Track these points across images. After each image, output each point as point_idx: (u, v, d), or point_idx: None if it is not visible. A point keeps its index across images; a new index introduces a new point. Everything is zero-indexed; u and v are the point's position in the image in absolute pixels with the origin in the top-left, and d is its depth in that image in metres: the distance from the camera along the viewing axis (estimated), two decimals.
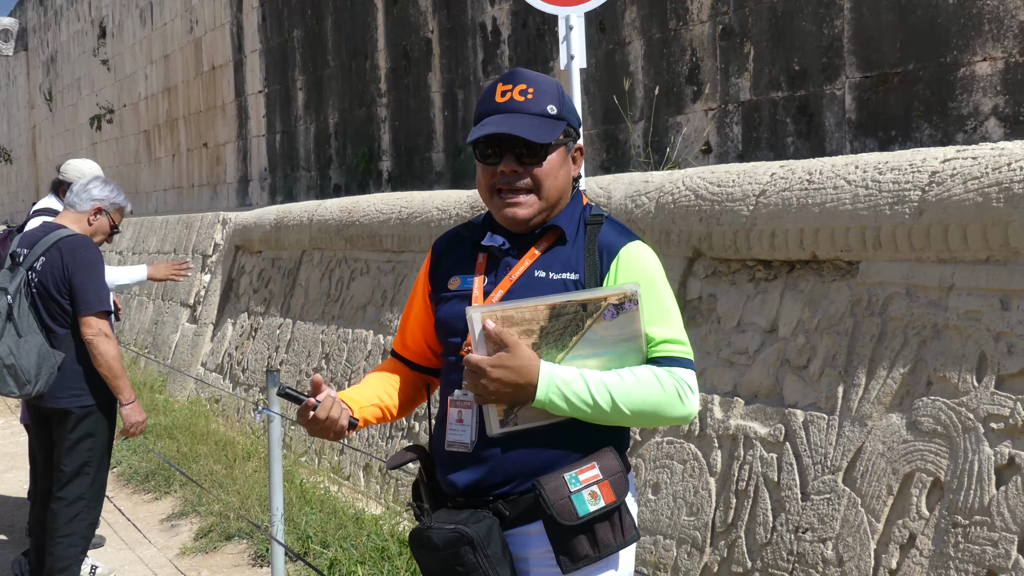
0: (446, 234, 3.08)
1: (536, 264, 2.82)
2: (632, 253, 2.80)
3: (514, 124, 2.75)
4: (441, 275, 2.97)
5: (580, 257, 2.81)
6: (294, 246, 10.25)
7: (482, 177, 2.85)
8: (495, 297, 2.80)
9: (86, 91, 23.60)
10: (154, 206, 19.68)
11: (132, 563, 7.01)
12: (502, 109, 2.79)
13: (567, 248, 2.84)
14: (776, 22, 6.69)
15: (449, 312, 2.88)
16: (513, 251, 2.85)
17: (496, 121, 2.77)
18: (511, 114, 2.77)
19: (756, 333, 5.02)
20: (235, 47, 15.51)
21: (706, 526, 4.88)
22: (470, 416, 2.78)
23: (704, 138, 7.26)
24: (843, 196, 4.56)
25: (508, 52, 9.43)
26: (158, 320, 13.75)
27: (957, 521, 3.90)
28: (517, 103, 2.78)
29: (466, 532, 2.67)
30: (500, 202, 2.81)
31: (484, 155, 2.82)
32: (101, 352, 5.62)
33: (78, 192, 5.93)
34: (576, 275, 2.78)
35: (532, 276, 2.80)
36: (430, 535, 2.71)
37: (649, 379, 2.70)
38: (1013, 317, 3.93)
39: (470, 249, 2.94)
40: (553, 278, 2.78)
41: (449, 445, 2.80)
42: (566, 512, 2.67)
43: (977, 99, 5.57)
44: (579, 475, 2.71)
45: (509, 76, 2.83)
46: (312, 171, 13.39)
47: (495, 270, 2.86)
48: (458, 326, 2.82)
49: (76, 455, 5.76)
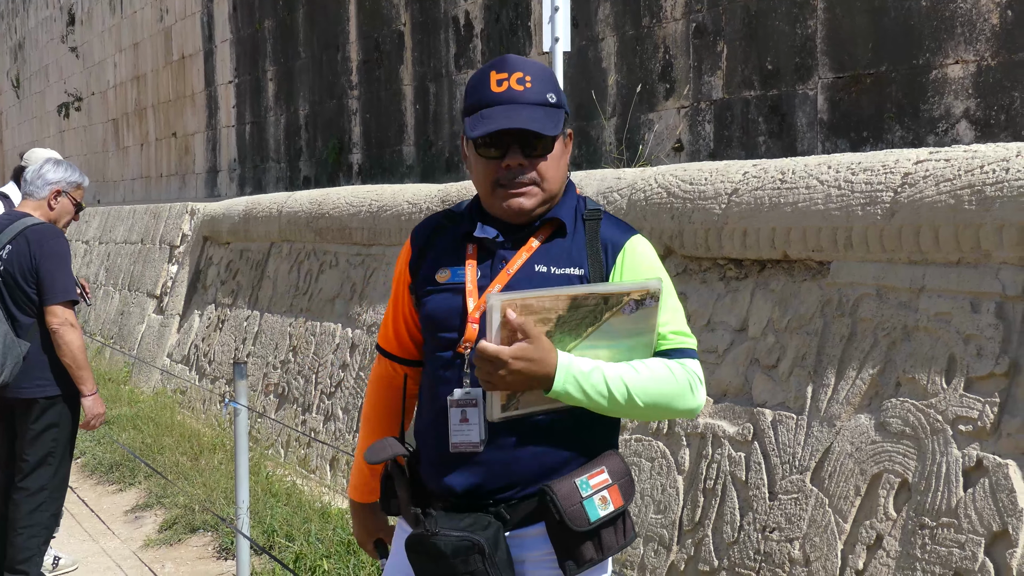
0: (425, 223, 2.94)
1: (535, 257, 2.72)
2: (638, 249, 2.74)
3: (521, 117, 2.63)
4: (425, 267, 2.83)
5: (583, 252, 2.73)
6: (263, 238, 10.20)
7: (483, 171, 2.71)
8: (493, 291, 2.67)
9: (54, 78, 23.43)
10: (121, 195, 19.56)
11: (96, 554, 6.95)
12: (502, 100, 2.66)
13: (566, 242, 2.74)
14: (750, 21, 6.69)
15: (440, 306, 2.75)
16: (507, 243, 2.75)
17: (500, 114, 2.64)
18: (513, 105, 2.65)
19: (726, 332, 5.01)
20: (205, 36, 15.42)
21: (673, 524, 4.88)
22: (476, 415, 2.65)
23: (676, 136, 7.26)
24: (815, 196, 4.56)
25: (481, 46, 9.41)
26: (124, 310, 13.66)
27: (924, 523, 3.91)
28: (516, 93, 2.66)
29: (477, 540, 2.59)
30: (503, 193, 2.69)
31: (485, 150, 2.69)
32: (66, 342, 5.57)
33: (32, 180, 5.85)
34: (581, 270, 2.70)
35: (532, 270, 2.70)
36: (435, 542, 2.61)
37: (663, 372, 2.62)
38: (983, 320, 3.94)
39: (458, 240, 2.82)
40: (556, 273, 2.69)
41: (455, 447, 2.66)
42: (578, 518, 2.62)
43: (949, 101, 5.59)
44: (589, 480, 2.66)
45: (501, 64, 2.71)
46: (282, 163, 13.33)
47: (489, 262, 2.74)
48: (452, 321, 2.72)
49: (40, 445, 5.70)
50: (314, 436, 7.91)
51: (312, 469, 7.89)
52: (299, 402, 8.43)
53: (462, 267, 2.75)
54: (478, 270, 2.74)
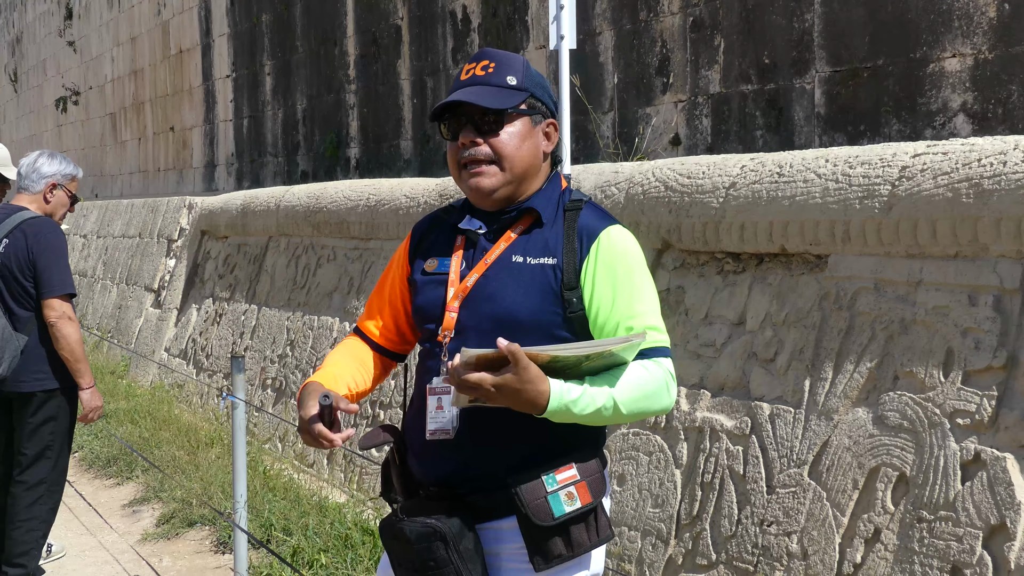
0: (427, 216, 3.04)
1: (512, 247, 2.77)
2: (613, 238, 2.75)
3: (468, 94, 2.73)
4: (420, 256, 2.92)
5: (559, 241, 2.75)
6: (260, 232, 10.19)
7: (450, 156, 2.81)
8: (469, 281, 2.75)
9: (52, 72, 23.39)
10: (119, 189, 19.54)
11: (93, 548, 6.95)
12: (464, 85, 2.77)
13: (544, 231, 2.78)
14: (747, 15, 6.69)
15: (427, 296, 2.83)
16: (489, 234, 2.81)
17: (457, 92, 2.76)
18: (470, 88, 2.75)
19: (724, 326, 5.01)
20: (203, 31, 15.40)
21: (671, 518, 4.88)
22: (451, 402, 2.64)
23: (673, 130, 7.26)
24: (813, 190, 4.56)
25: (478, 40, 9.40)
26: (122, 304, 13.65)
27: (922, 516, 3.91)
28: (478, 77, 2.76)
29: (439, 528, 2.63)
30: (466, 175, 2.76)
31: (445, 131, 2.81)
32: (64, 335, 5.57)
33: (28, 174, 5.84)
34: (554, 259, 2.73)
35: (508, 260, 2.75)
36: (402, 527, 2.67)
37: (643, 378, 2.63)
38: (980, 313, 3.94)
39: (449, 232, 2.90)
40: (531, 262, 2.73)
41: (431, 435, 2.71)
42: (542, 513, 2.64)
43: (946, 95, 5.59)
44: (556, 475, 2.67)
45: (476, 55, 2.82)
46: (279, 157, 13.33)
47: (472, 252, 2.82)
48: (435, 312, 2.79)
49: (38, 439, 5.71)
50: None
51: (309, 463, 7.89)
52: (296, 396, 8.42)
53: (449, 257, 2.83)
54: (463, 260, 2.81)
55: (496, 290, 2.73)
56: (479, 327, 2.71)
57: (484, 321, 2.71)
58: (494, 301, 2.72)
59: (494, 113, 2.73)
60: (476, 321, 2.73)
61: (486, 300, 2.73)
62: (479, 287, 2.75)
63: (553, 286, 2.71)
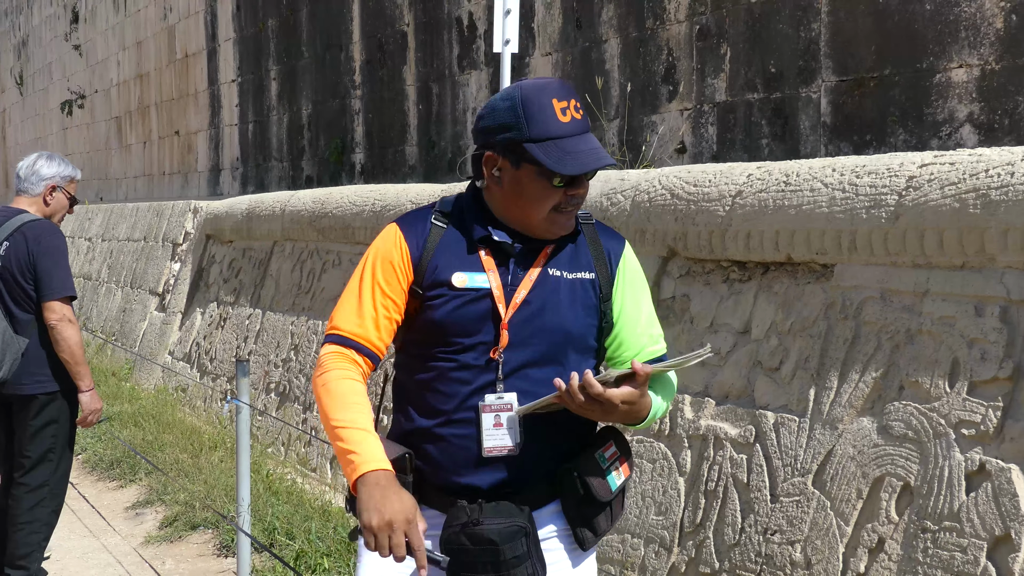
0: (416, 221, 2.92)
1: (549, 263, 2.87)
2: (630, 256, 2.98)
3: (600, 154, 2.76)
4: (436, 269, 2.84)
5: (589, 257, 2.91)
6: (265, 236, 10.20)
7: (542, 195, 2.78)
8: (519, 297, 2.80)
9: (57, 76, 23.43)
10: (124, 193, 19.56)
11: (96, 551, 6.96)
12: (574, 132, 2.76)
13: (572, 247, 2.91)
14: (753, 24, 6.70)
15: (463, 313, 2.81)
16: (524, 250, 2.86)
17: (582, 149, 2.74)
18: (584, 136, 2.77)
19: (729, 334, 5.02)
20: (209, 35, 15.43)
21: (674, 526, 4.88)
22: (510, 418, 2.79)
23: (679, 138, 7.27)
24: (819, 199, 4.56)
25: (484, 47, 9.41)
26: (126, 308, 13.66)
27: (926, 526, 3.91)
28: (579, 123, 2.77)
29: (523, 524, 2.75)
30: (559, 217, 2.81)
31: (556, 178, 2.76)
32: (64, 337, 5.57)
33: (27, 176, 5.84)
34: (591, 274, 2.90)
35: (547, 275, 2.85)
36: (480, 530, 2.73)
37: (672, 384, 2.98)
38: (987, 324, 3.94)
39: (469, 244, 2.86)
40: (568, 277, 2.86)
41: (488, 451, 2.79)
42: (603, 489, 2.84)
43: (952, 105, 5.59)
44: (604, 453, 2.88)
45: (559, 89, 2.79)
46: (284, 162, 13.34)
47: (507, 269, 2.84)
48: (478, 326, 2.80)
49: (40, 442, 5.71)
50: (315, 435, 7.91)
51: (313, 468, 7.89)
52: (300, 400, 8.44)
53: (481, 272, 2.83)
54: (500, 276, 2.83)
55: (544, 305, 2.83)
56: (528, 341, 2.81)
57: (535, 335, 2.82)
58: (546, 315, 2.82)
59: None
60: (526, 335, 2.81)
61: (535, 315, 2.82)
62: (526, 302, 2.81)
63: (593, 299, 2.89)
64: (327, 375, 2.82)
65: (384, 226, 3.03)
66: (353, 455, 2.65)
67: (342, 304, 2.90)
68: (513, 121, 2.75)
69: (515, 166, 2.78)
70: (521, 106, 2.74)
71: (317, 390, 2.84)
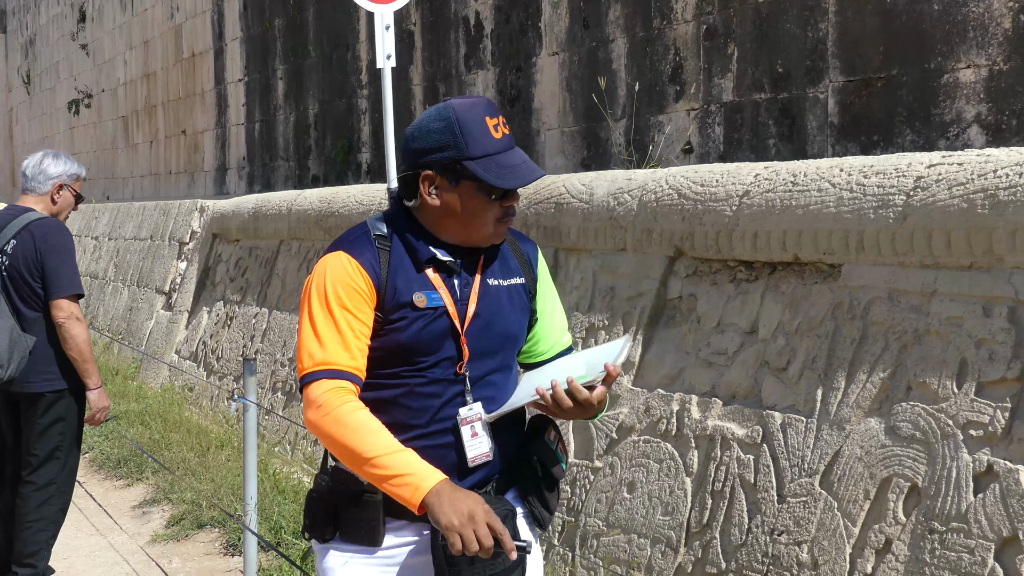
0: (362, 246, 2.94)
1: (486, 273, 3.01)
2: (542, 259, 3.19)
3: (533, 167, 2.91)
4: (396, 292, 2.89)
5: (515, 263, 3.09)
6: (272, 236, 10.21)
7: (483, 209, 2.89)
8: (470, 311, 2.93)
9: (64, 75, 23.44)
10: (131, 192, 19.58)
11: (103, 549, 6.97)
12: (507, 147, 2.89)
13: (500, 255, 3.06)
14: (760, 23, 6.69)
15: (426, 332, 2.89)
16: (464, 264, 2.98)
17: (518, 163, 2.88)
18: (515, 151, 2.91)
19: (736, 334, 5.01)
20: (216, 34, 15.43)
21: (681, 526, 4.88)
22: (483, 427, 2.93)
23: (686, 138, 7.26)
24: (827, 199, 4.56)
25: (491, 47, 9.41)
26: (132, 306, 13.67)
27: (934, 527, 3.91)
28: (509, 139, 2.90)
29: (512, 508, 2.89)
30: (500, 227, 2.94)
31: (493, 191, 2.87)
32: (72, 335, 5.59)
33: (34, 175, 5.85)
34: (521, 279, 3.08)
35: (488, 285, 2.99)
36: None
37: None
38: (995, 324, 3.93)
39: (414, 264, 2.93)
40: (504, 284, 3.03)
41: (472, 461, 2.92)
42: (558, 470, 3.05)
43: (960, 106, 5.58)
44: (549, 437, 3.05)
45: (488, 107, 2.90)
46: (291, 161, 13.34)
47: (453, 284, 2.95)
48: (440, 343, 2.90)
49: (47, 440, 5.73)
50: None
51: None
52: None
53: (433, 291, 2.92)
54: (449, 292, 2.94)
55: (492, 314, 2.97)
56: (485, 350, 2.96)
57: (491, 343, 2.97)
58: (495, 324, 2.97)
59: None
60: (483, 345, 2.95)
61: (487, 325, 2.96)
62: (476, 314, 2.94)
63: (524, 301, 3.07)
64: (338, 411, 2.79)
65: None
66: (408, 476, 2.69)
67: (318, 338, 2.85)
68: (451, 140, 2.84)
69: (453, 183, 2.87)
70: (458, 125, 2.83)
71: (327, 428, 2.79)
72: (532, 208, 6.29)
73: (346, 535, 2.92)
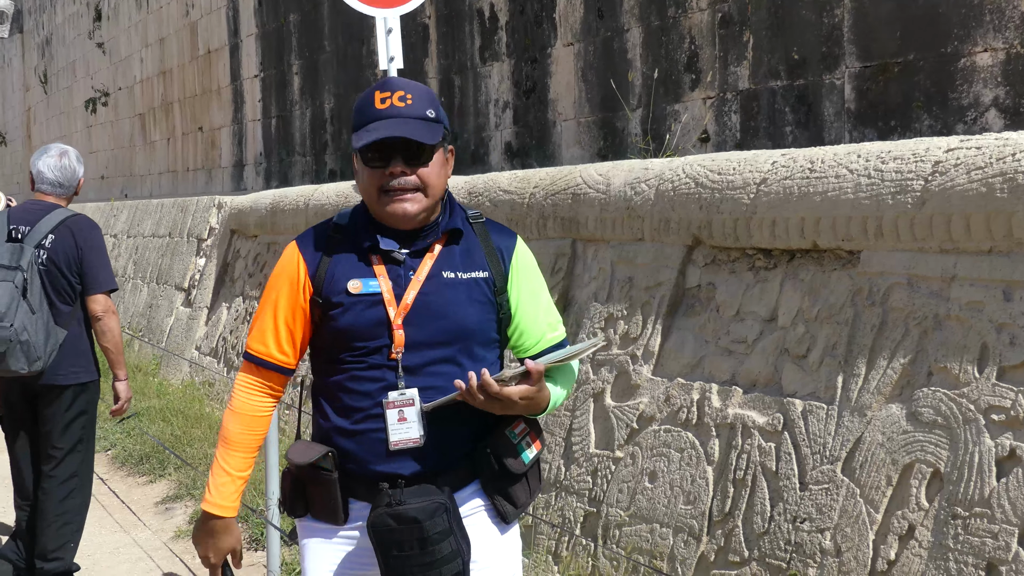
0: (312, 236, 3.15)
1: (440, 264, 3.05)
2: (523, 252, 3.18)
3: (403, 128, 2.91)
4: (332, 279, 3.04)
5: (482, 255, 3.10)
6: (290, 230, 10.22)
7: (369, 179, 2.98)
8: (408, 299, 2.99)
9: (81, 74, 23.50)
10: (148, 190, 19.63)
11: (127, 546, 7.00)
12: (385, 115, 2.93)
13: (463, 246, 3.09)
14: (776, 11, 6.67)
15: (360, 318, 2.99)
16: (408, 253, 3.03)
17: (384, 126, 2.92)
18: (396, 119, 2.92)
19: (755, 322, 5.01)
20: (231, 31, 15.45)
21: (703, 515, 4.88)
22: (414, 412, 2.96)
23: (702, 127, 7.24)
24: (845, 185, 4.55)
25: (506, 38, 9.40)
26: (152, 303, 13.72)
27: (957, 513, 3.90)
28: (398, 108, 2.94)
29: (443, 501, 2.92)
30: (388, 200, 2.96)
31: (370, 159, 2.96)
32: (109, 328, 5.79)
33: (63, 178, 5.90)
34: (485, 272, 3.08)
35: (441, 276, 3.03)
36: (405, 510, 2.88)
37: (572, 372, 3.20)
38: (1015, 308, 3.92)
39: (360, 252, 3.05)
40: (463, 277, 3.05)
41: (395, 445, 2.96)
42: (517, 464, 3.05)
43: (978, 90, 5.56)
44: (514, 430, 3.06)
45: (384, 84, 2.98)
46: (307, 156, 13.36)
47: (398, 272, 3.02)
48: (375, 330, 2.98)
49: (72, 432, 5.82)
50: None
51: None
52: None
53: (373, 278, 3.02)
54: (390, 280, 3.01)
55: (442, 306, 3.01)
56: (431, 340, 3.00)
57: (437, 334, 3.00)
58: (444, 316, 3.00)
59: (425, 147, 2.96)
60: (427, 335, 2.99)
61: (434, 316, 3.00)
62: (421, 304, 2.99)
63: (488, 295, 3.07)
64: (231, 409, 3.15)
65: None
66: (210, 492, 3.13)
67: (254, 324, 3.15)
68: (352, 119, 2.99)
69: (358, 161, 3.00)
70: (355, 104, 2.99)
71: (224, 415, 3.17)
72: (549, 199, 6.29)
73: (314, 511, 3.09)
